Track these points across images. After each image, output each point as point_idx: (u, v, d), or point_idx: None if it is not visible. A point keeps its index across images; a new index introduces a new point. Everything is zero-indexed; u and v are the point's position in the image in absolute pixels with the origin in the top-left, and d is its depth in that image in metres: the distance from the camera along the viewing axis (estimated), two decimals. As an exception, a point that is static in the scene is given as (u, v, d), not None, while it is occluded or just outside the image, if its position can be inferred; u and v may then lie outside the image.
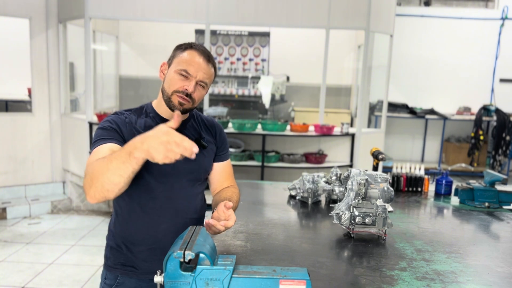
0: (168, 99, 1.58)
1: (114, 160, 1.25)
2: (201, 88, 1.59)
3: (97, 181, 1.28)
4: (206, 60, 1.57)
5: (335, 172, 2.32)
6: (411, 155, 7.72)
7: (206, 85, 1.60)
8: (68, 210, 5.20)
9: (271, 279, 1.13)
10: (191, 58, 1.56)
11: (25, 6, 4.98)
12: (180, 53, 1.58)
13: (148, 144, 1.17)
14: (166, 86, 1.58)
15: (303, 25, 5.13)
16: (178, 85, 1.55)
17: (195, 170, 1.65)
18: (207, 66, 1.58)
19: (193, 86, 1.55)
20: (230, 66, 6.47)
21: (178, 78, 1.55)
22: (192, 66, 1.55)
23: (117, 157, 1.25)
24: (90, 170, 1.32)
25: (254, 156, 5.01)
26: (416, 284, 1.35)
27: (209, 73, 1.59)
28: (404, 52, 7.23)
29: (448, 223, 2.09)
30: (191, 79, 1.55)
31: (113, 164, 1.25)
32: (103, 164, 1.28)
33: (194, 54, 1.56)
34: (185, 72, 1.54)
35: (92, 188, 1.30)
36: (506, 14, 7.31)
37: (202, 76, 1.56)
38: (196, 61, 1.55)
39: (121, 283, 1.65)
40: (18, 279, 3.43)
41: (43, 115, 5.27)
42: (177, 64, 1.57)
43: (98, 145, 1.48)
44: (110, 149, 1.43)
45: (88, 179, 1.31)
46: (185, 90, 1.54)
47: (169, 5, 4.85)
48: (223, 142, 1.79)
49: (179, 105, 1.56)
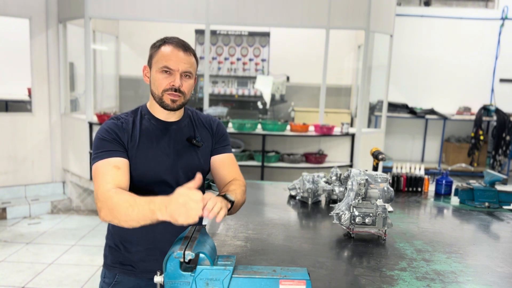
0: (160, 100, 1.57)
1: (137, 210, 1.33)
2: (187, 79, 1.57)
3: (115, 218, 1.38)
4: (183, 50, 1.55)
5: (335, 172, 2.31)
6: (411, 155, 7.72)
7: (191, 74, 1.58)
8: (68, 210, 5.20)
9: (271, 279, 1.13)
10: (168, 52, 1.54)
11: (25, 6, 4.98)
12: (155, 51, 1.57)
13: (171, 209, 1.25)
14: (153, 88, 1.58)
15: (303, 25, 5.13)
16: (164, 83, 1.55)
17: (191, 169, 1.64)
18: (186, 55, 1.55)
19: (179, 79, 1.54)
20: (230, 66, 6.47)
21: (162, 76, 1.55)
22: (171, 60, 1.53)
23: (140, 209, 1.32)
24: (108, 203, 1.39)
25: (254, 156, 5.01)
26: (416, 284, 1.35)
27: (190, 62, 1.57)
28: (404, 52, 7.23)
29: (448, 223, 2.09)
30: (175, 73, 1.54)
31: (135, 213, 1.33)
32: (125, 207, 1.35)
33: (169, 48, 1.55)
34: (167, 68, 1.53)
35: (108, 217, 1.39)
36: (506, 14, 7.30)
37: (184, 67, 1.54)
38: (173, 54, 1.54)
39: (119, 282, 1.66)
40: (18, 279, 3.43)
41: (43, 115, 5.27)
42: (156, 63, 1.56)
43: (100, 159, 1.50)
44: (114, 166, 1.48)
45: (105, 208, 1.40)
46: (172, 86, 1.54)
47: (169, 5, 4.85)
48: (222, 135, 1.76)
49: (172, 103, 1.56)
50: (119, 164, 1.50)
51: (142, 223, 1.34)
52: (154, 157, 1.58)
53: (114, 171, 1.48)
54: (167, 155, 1.60)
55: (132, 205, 1.34)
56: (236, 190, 1.57)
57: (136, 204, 1.34)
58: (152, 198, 1.33)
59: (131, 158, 1.55)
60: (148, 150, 1.58)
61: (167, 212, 1.26)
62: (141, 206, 1.33)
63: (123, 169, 1.50)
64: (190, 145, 1.65)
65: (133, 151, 1.56)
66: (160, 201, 1.29)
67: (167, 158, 1.60)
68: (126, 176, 1.51)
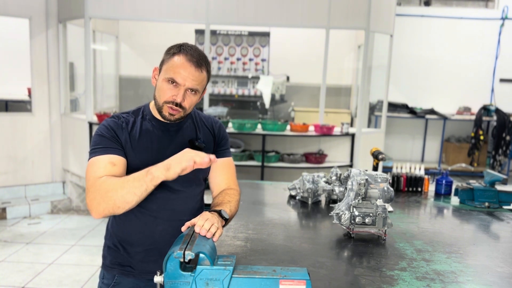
0: (159, 109, 1.56)
1: (132, 180, 1.35)
2: (192, 95, 1.53)
3: (109, 199, 1.36)
4: (195, 65, 1.49)
5: (335, 172, 2.31)
6: (411, 155, 7.72)
7: (198, 91, 1.53)
8: (68, 210, 5.21)
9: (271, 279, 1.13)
10: (179, 65, 1.49)
11: (25, 6, 4.98)
12: (169, 58, 1.52)
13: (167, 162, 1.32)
14: (156, 95, 1.56)
15: (303, 25, 5.13)
16: (167, 95, 1.51)
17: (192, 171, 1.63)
18: (197, 71, 1.50)
19: (182, 95, 1.50)
20: (230, 66, 6.47)
21: (167, 87, 1.51)
22: (179, 74, 1.48)
23: (135, 177, 1.36)
24: (100, 188, 1.39)
25: (254, 156, 5.01)
26: (416, 284, 1.35)
27: (199, 78, 1.51)
28: (404, 52, 7.23)
29: (448, 223, 2.09)
30: (180, 87, 1.50)
31: (130, 185, 1.35)
32: (117, 182, 1.36)
33: (182, 60, 1.49)
34: (173, 80, 1.50)
35: (101, 205, 1.37)
36: (506, 14, 7.30)
37: (191, 83, 1.49)
38: (184, 68, 1.48)
39: (118, 283, 1.65)
40: (18, 279, 3.43)
41: (43, 115, 5.27)
42: (165, 71, 1.51)
43: (96, 154, 1.49)
44: (109, 161, 1.47)
45: (97, 196, 1.39)
46: (174, 100, 1.51)
47: (169, 5, 4.85)
48: (223, 138, 1.74)
49: (170, 116, 1.54)
50: (115, 160, 1.48)
51: (138, 193, 1.36)
52: (154, 158, 1.56)
53: (109, 166, 1.46)
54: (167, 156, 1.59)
55: (127, 180, 1.39)
56: (231, 203, 1.56)
57: (130, 177, 1.39)
58: None
59: (130, 159, 1.54)
60: (148, 151, 1.57)
61: (163, 165, 1.34)
62: (136, 175, 1.39)
63: (118, 166, 1.48)
64: (192, 147, 1.63)
65: (131, 151, 1.54)
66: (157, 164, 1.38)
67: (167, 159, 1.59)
68: (121, 173, 1.48)
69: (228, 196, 1.60)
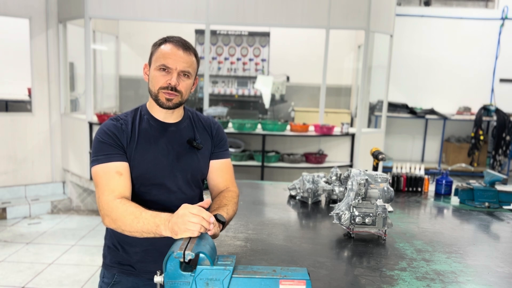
0: (155, 98, 1.57)
1: (142, 223, 1.36)
2: (185, 78, 1.55)
3: (118, 226, 1.42)
4: (183, 49, 1.53)
5: (335, 172, 2.31)
6: (411, 155, 7.72)
7: (190, 73, 1.56)
8: (68, 210, 5.20)
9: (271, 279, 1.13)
10: (167, 51, 1.52)
11: (25, 6, 4.98)
12: (156, 49, 1.56)
13: (172, 222, 1.29)
14: (151, 86, 1.57)
15: (303, 25, 5.13)
16: (161, 81, 1.53)
17: (190, 171, 1.63)
18: (185, 54, 1.53)
19: (175, 78, 1.52)
20: (230, 66, 6.47)
21: (160, 74, 1.53)
22: (169, 58, 1.52)
23: (145, 222, 1.36)
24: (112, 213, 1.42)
25: (254, 156, 5.01)
26: (416, 284, 1.35)
27: (190, 61, 1.55)
28: (404, 52, 7.23)
29: (448, 223, 2.09)
30: (172, 71, 1.52)
31: (139, 226, 1.36)
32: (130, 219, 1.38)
33: (169, 46, 1.53)
34: (164, 66, 1.52)
35: (111, 224, 1.44)
36: (506, 14, 7.30)
37: (182, 66, 1.52)
38: (172, 53, 1.52)
39: (118, 282, 1.65)
40: (18, 279, 3.43)
41: (43, 115, 5.27)
42: (155, 61, 1.55)
43: (99, 162, 1.50)
44: (116, 171, 1.49)
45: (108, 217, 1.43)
46: (168, 84, 1.53)
47: (169, 5, 4.85)
48: (221, 140, 1.74)
49: (167, 101, 1.55)
50: (121, 169, 1.50)
51: (145, 235, 1.38)
52: (152, 158, 1.57)
53: (116, 178, 1.48)
54: (165, 157, 1.59)
55: (138, 218, 1.38)
56: (228, 206, 1.56)
57: (141, 217, 1.37)
58: (158, 213, 1.37)
59: (130, 159, 1.54)
60: (146, 151, 1.57)
61: (169, 226, 1.30)
62: (146, 220, 1.36)
63: (125, 175, 1.51)
64: (190, 147, 1.63)
65: (131, 152, 1.55)
66: (165, 216, 1.34)
67: (166, 160, 1.59)
68: (128, 182, 1.52)
69: (225, 200, 1.60)
